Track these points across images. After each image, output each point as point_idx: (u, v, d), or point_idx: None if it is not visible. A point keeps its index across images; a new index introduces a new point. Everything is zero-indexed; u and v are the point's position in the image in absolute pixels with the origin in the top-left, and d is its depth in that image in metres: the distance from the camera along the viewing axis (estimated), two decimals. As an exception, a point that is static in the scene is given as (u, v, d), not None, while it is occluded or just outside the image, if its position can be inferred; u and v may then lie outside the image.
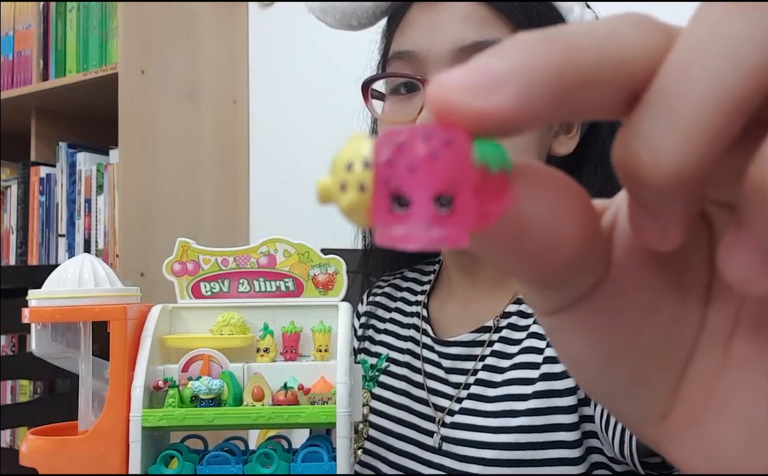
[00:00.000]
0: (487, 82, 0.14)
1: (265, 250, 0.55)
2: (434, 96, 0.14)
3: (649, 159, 0.14)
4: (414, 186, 0.14)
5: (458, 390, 0.67)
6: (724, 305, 0.18)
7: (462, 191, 0.14)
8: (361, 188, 0.14)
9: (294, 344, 0.54)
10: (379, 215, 0.14)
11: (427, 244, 0.14)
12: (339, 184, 0.15)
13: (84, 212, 1.71)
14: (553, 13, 0.65)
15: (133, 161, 1.56)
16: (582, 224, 0.16)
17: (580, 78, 0.14)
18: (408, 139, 0.14)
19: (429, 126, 0.14)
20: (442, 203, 0.14)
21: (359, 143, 0.15)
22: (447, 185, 0.14)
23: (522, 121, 0.14)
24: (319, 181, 0.15)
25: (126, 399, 0.49)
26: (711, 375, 0.18)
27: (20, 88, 1.76)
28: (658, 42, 0.15)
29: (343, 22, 0.71)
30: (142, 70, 1.57)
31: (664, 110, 0.14)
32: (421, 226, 0.14)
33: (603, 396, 0.20)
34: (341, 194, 0.15)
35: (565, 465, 0.60)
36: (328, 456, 0.50)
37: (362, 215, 0.15)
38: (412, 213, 0.14)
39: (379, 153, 0.14)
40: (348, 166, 0.15)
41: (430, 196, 0.14)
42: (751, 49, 0.14)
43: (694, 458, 0.18)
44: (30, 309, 0.50)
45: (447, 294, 0.75)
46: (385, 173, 0.14)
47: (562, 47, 0.14)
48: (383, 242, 0.14)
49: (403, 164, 0.14)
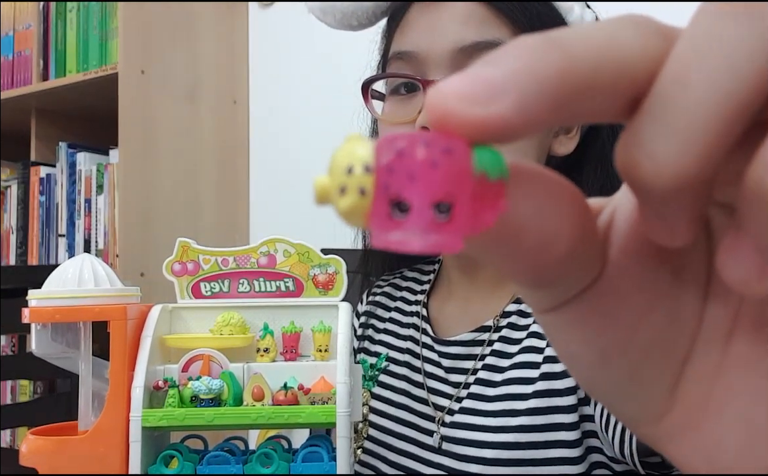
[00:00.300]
0: (485, 90, 0.14)
1: (265, 250, 0.55)
2: (433, 105, 0.14)
3: (650, 166, 0.14)
4: (414, 193, 0.14)
5: (458, 389, 0.67)
6: (722, 305, 0.18)
7: (460, 198, 0.14)
8: (361, 192, 0.14)
9: (294, 344, 0.54)
10: (377, 220, 0.14)
11: (423, 249, 0.14)
12: (338, 186, 0.15)
13: (84, 212, 1.71)
14: (553, 13, 0.65)
15: (133, 161, 1.56)
16: (574, 223, 0.16)
17: (580, 83, 0.14)
18: (408, 145, 0.14)
19: (429, 133, 0.14)
20: (441, 210, 0.14)
21: (358, 145, 0.15)
22: (446, 193, 0.14)
23: (522, 127, 0.14)
24: (317, 181, 0.15)
25: (126, 399, 0.49)
26: (709, 375, 0.18)
27: (20, 88, 1.77)
28: (658, 45, 0.15)
29: (343, 22, 0.71)
30: (142, 70, 1.57)
31: (663, 118, 0.14)
32: (418, 232, 0.14)
33: (601, 393, 0.20)
34: (340, 196, 0.15)
35: (565, 465, 0.60)
36: (328, 456, 0.50)
37: (361, 218, 0.15)
38: (410, 219, 0.14)
39: (379, 158, 0.14)
40: (348, 169, 0.15)
41: (429, 203, 0.14)
42: (749, 53, 0.13)
43: (693, 457, 0.18)
44: (30, 309, 0.50)
45: (447, 294, 0.75)
46: (386, 178, 0.14)
47: (561, 52, 0.14)
48: (380, 246, 0.15)
49: (404, 170, 0.14)
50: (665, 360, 0.18)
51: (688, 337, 0.18)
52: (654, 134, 0.14)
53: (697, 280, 0.18)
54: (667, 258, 0.18)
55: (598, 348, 0.18)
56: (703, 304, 0.18)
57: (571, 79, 0.14)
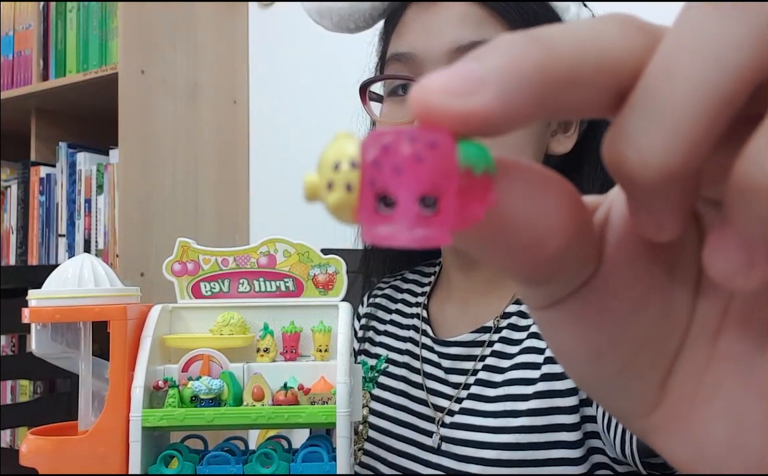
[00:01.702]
0: (467, 84, 0.14)
1: (265, 250, 0.55)
2: (417, 99, 0.15)
3: (636, 160, 0.15)
4: (399, 187, 0.14)
5: (458, 390, 0.67)
6: (712, 301, 0.18)
7: (446, 192, 0.14)
8: (347, 188, 0.15)
9: (294, 344, 0.54)
10: (364, 215, 0.15)
11: (411, 243, 0.14)
12: (326, 182, 0.15)
13: (84, 212, 1.71)
14: (549, 13, 0.65)
15: (133, 161, 1.56)
16: (567, 218, 0.17)
17: (561, 77, 0.14)
18: (394, 140, 0.14)
19: (414, 128, 0.14)
20: (427, 204, 0.14)
21: (345, 143, 0.15)
22: (431, 187, 0.14)
23: (504, 120, 0.14)
24: (306, 178, 0.16)
25: (126, 399, 0.49)
26: (699, 369, 0.18)
27: (20, 88, 1.76)
28: (643, 42, 0.15)
29: (341, 25, 0.72)
30: (142, 70, 1.57)
31: (649, 111, 0.14)
32: (406, 226, 0.14)
33: (594, 389, 0.20)
34: (328, 192, 0.15)
35: (566, 466, 0.60)
36: (328, 456, 0.50)
37: (348, 213, 0.15)
38: (397, 213, 0.14)
39: (365, 154, 0.15)
40: (335, 165, 0.15)
41: (414, 197, 0.14)
42: (734, 48, 0.14)
43: (681, 450, 0.19)
44: (30, 309, 0.50)
45: (447, 295, 0.75)
46: (372, 173, 0.14)
47: (543, 47, 0.14)
48: (368, 241, 0.15)
49: (389, 165, 0.14)
50: (657, 354, 0.18)
51: (679, 332, 0.18)
52: (640, 127, 0.15)
53: (688, 276, 0.18)
54: (661, 255, 0.18)
55: (593, 345, 0.19)
56: (694, 300, 0.18)
57: (551, 72, 0.14)
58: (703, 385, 0.18)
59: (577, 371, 0.20)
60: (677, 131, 0.14)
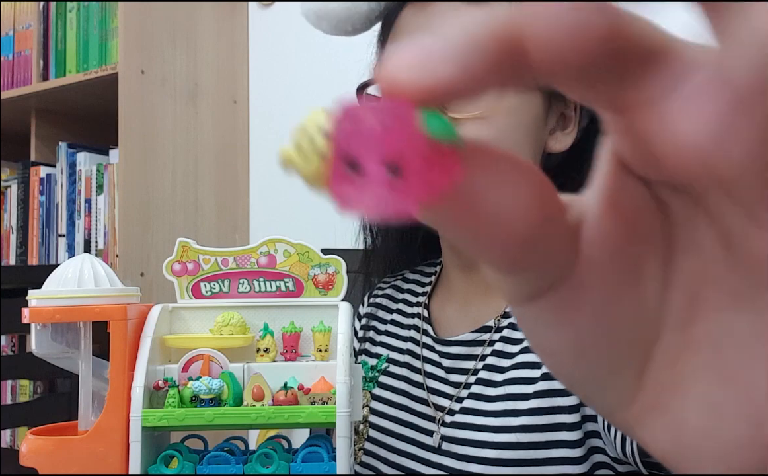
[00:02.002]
0: (426, 55, 0.15)
1: (265, 250, 0.55)
2: (381, 74, 0.15)
3: None
4: (366, 154, 0.15)
5: (458, 389, 0.67)
6: (680, 289, 0.18)
7: (411, 159, 0.15)
8: (319, 157, 0.16)
9: (294, 344, 0.54)
10: (335, 182, 0.16)
11: (378, 208, 0.15)
12: (300, 152, 0.17)
13: (84, 212, 1.71)
14: None
15: (133, 161, 1.56)
16: (536, 207, 0.17)
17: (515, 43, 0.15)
18: (362, 111, 0.15)
19: (381, 101, 0.16)
20: (393, 171, 0.15)
21: (318, 115, 0.17)
22: (396, 153, 0.15)
23: (463, 87, 0.15)
24: (281, 149, 0.17)
25: (126, 399, 0.49)
26: (673, 358, 0.18)
27: (20, 88, 1.76)
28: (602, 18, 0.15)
29: (339, 27, 0.72)
30: (142, 70, 1.57)
31: None
32: (374, 193, 0.15)
33: (576, 385, 0.21)
34: (302, 162, 0.17)
35: (566, 465, 0.60)
36: (328, 456, 0.50)
37: (321, 181, 0.16)
38: (366, 180, 0.15)
39: (335, 124, 0.16)
40: (309, 137, 0.16)
41: (380, 163, 0.15)
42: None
43: (660, 439, 0.19)
44: (30, 309, 0.50)
45: (448, 295, 0.75)
46: (341, 142, 0.15)
47: (500, 19, 0.15)
48: (340, 207, 0.16)
49: (357, 134, 0.15)
50: (633, 347, 0.19)
51: (652, 322, 0.19)
52: None
53: (657, 266, 0.18)
54: (630, 248, 0.18)
55: (572, 341, 0.19)
56: (663, 291, 0.18)
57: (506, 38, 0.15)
58: (677, 374, 0.18)
59: (558, 368, 0.20)
60: None
